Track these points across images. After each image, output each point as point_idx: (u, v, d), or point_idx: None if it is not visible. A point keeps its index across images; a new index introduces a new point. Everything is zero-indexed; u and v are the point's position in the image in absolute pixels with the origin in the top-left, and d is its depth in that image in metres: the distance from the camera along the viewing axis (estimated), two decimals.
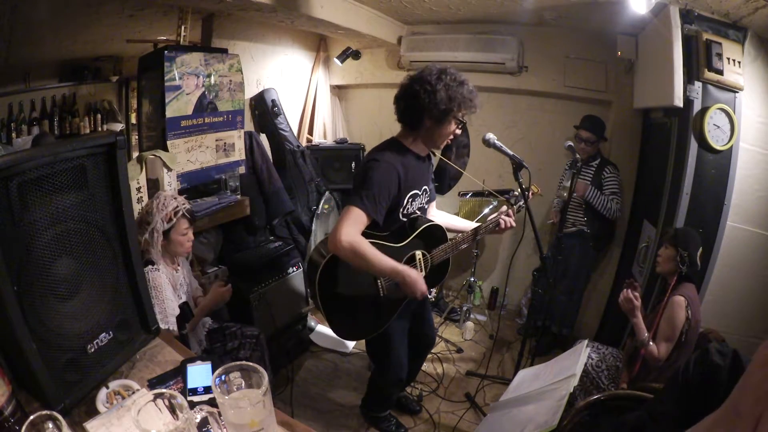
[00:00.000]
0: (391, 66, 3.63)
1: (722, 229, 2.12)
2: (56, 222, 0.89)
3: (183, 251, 1.83)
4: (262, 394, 0.70)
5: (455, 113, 1.55)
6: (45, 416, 0.68)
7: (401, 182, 1.57)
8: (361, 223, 1.48)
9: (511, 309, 3.54)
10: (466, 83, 1.55)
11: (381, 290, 1.67)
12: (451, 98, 1.51)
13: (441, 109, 1.51)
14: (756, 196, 2.14)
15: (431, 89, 1.50)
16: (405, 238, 1.68)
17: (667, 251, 1.85)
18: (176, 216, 1.73)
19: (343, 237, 1.43)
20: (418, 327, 2.02)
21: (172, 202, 1.75)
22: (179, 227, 1.75)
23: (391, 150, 1.60)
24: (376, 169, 1.51)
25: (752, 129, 2.11)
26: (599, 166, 2.75)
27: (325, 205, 3.36)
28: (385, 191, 1.52)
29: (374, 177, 1.50)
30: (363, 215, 1.47)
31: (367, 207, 1.48)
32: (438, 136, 1.61)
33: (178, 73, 2.23)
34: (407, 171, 1.59)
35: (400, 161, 1.57)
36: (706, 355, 0.97)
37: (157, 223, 1.68)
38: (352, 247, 1.44)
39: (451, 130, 1.61)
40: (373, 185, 1.49)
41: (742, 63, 2.04)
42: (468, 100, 1.54)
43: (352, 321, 1.70)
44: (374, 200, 1.49)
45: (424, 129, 1.59)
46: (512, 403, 1.56)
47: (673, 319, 1.73)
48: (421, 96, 1.51)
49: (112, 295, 1.05)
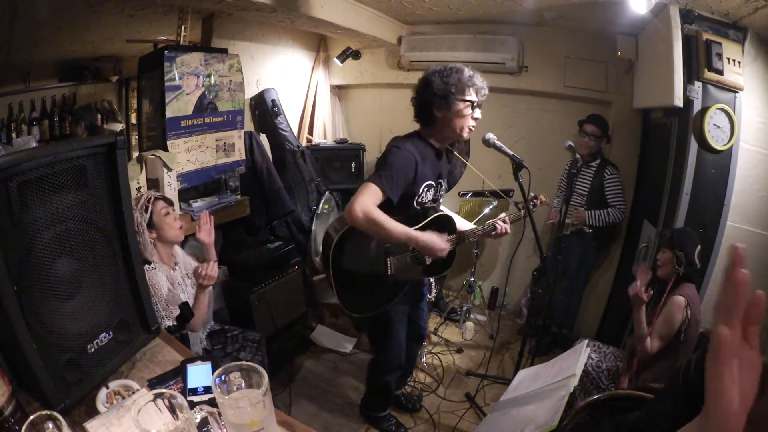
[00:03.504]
0: (391, 66, 3.63)
1: (722, 229, 2.12)
2: (56, 222, 0.89)
3: (174, 234, 1.80)
4: (262, 394, 0.70)
5: (455, 96, 1.61)
6: (45, 416, 0.68)
7: (417, 170, 1.65)
8: (377, 197, 1.56)
9: (511, 309, 3.54)
10: (463, 70, 1.64)
11: (389, 269, 1.77)
12: (448, 83, 1.61)
13: (440, 95, 1.61)
14: (756, 196, 2.14)
15: (428, 81, 1.64)
16: (417, 223, 1.75)
17: (665, 255, 1.86)
18: (150, 202, 1.74)
19: (357, 206, 1.52)
20: (415, 317, 2.10)
21: (142, 197, 1.76)
22: (157, 210, 1.75)
23: (412, 140, 1.71)
24: (395, 155, 1.62)
25: (752, 129, 2.11)
26: (599, 167, 2.75)
27: (325, 205, 3.36)
28: (402, 175, 1.61)
29: (393, 161, 1.61)
30: (379, 191, 1.56)
31: (383, 184, 1.56)
32: (453, 123, 1.67)
33: (178, 73, 2.23)
34: (424, 161, 1.68)
35: (418, 151, 1.67)
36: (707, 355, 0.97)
37: (137, 219, 1.68)
38: (366, 215, 1.52)
39: (464, 114, 1.65)
40: (392, 167, 1.59)
41: (742, 63, 2.04)
42: (465, 82, 1.62)
43: (359, 295, 1.80)
44: (391, 180, 1.58)
45: (438, 121, 1.68)
46: (512, 403, 1.56)
47: (671, 318, 1.74)
48: (426, 90, 1.65)
49: (112, 295, 1.04)
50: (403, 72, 3.54)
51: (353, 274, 1.77)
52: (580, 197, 2.78)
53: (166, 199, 1.84)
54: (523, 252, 3.34)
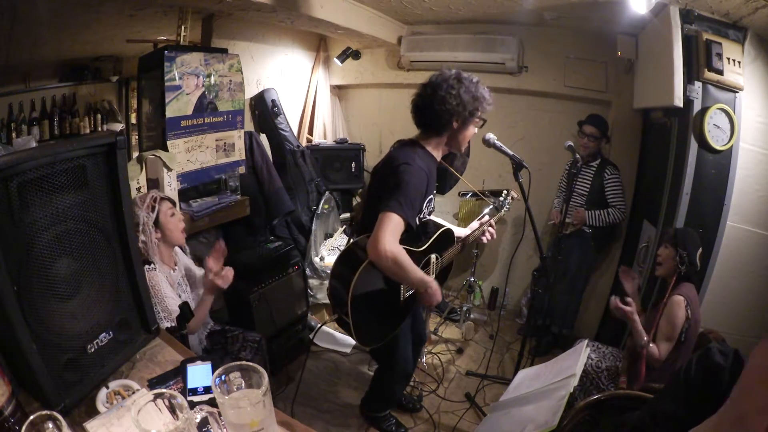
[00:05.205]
0: (391, 66, 3.63)
1: (722, 229, 2.12)
2: (56, 222, 0.89)
3: (178, 235, 1.80)
4: (262, 394, 0.70)
5: (479, 113, 1.60)
6: (45, 416, 0.68)
7: (428, 187, 1.60)
8: (400, 230, 1.46)
9: (511, 309, 3.53)
10: (480, 82, 1.61)
11: (402, 294, 1.69)
12: (475, 98, 1.56)
13: (469, 110, 1.56)
14: (756, 196, 2.14)
15: (455, 92, 1.53)
16: (422, 242, 1.71)
17: (666, 251, 1.86)
18: (156, 202, 1.74)
19: (387, 246, 1.41)
20: (413, 325, 2.06)
21: (148, 196, 1.76)
22: (164, 210, 1.75)
23: (417, 153, 1.60)
24: (411, 174, 1.50)
25: (752, 129, 2.11)
26: (599, 167, 2.75)
27: (325, 205, 3.36)
28: (419, 196, 1.54)
29: (410, 182, 1.49)
30: (401, 222, 1.45)
31: (406, 213, 1.46)
32: (463, 137, 1.65)
33: (178, 73, 2.23)
34: (431, 175, 1.62)
35: (426, 165, 1.58)
36: (708, 354, 0.97)
37: (143, 218, 1.68)
38: (395, 258, 1.43)
39: (473, 131, 1.65)
40: (409, 190, 1.48)
41: (742, 63, 2.04)
42: (486, 98, 1.60)
43: (374, 326, 1.69)
44: (411, 206, 1.48)
45: (451, 132, 1.62)
46: (512, 403, 1.56)
47: (673, 318, 1.73)
48: (448, 101, 1.53)
49: (112, 295, 1.04)
50: (403, 72, 3.54)
51: (369, 309, 1.64)
52: (580, 197, 2.78)
53: (171, 200, 1.84)
54: (523, 252, 3.34)
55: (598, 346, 2.08)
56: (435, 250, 1.77)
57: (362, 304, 1.59)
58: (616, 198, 2.68)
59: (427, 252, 1.73)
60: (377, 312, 1.67)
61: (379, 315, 1.68)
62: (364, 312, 1.61)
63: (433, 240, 1.74)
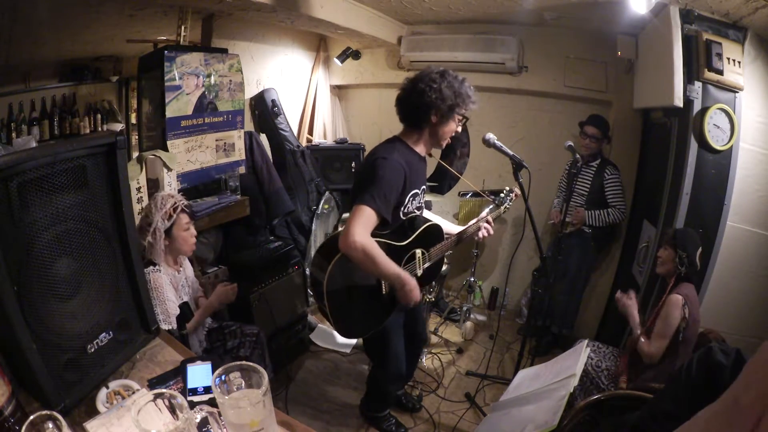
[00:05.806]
0: (391, 66, 3.63)
1: (722, 229, 2.12)
2: (56, 222, 0.89)
3: (187, 248, 1.80)
4: (262, 394, 0.70)
5: (460, 109, 1.60)
6: (45, 416, 0.68)
7: (406, 181, 1.59)
8: (372, 223, 1.48)
9: (511, 309, 3.53)
10: (465, 81, 1.61)
11: (384, 287, 1.69)
12: (456, 94, 1.56)
13: (448, 104, 1.56)
14: (756, 196, 2.14)
15: (437, 86, 1.54)
16: (406, 237, 1.71)
17: (666, 252, 1.86)
18: (176, 212, 1.73)
19: (356, 238, 1.42)
20: (412, 326, 2.05)
21: (170, 200, 1.74)
22: (180, 223, 1.74)
23: (397, 149, 1.61)
24: (385, 168, 1.52)
25: (752, 129, 2.11)
26: (600, 167, 2.75)
27: (325, 205, 3.36)
28: (394, 190, 1.54)
29: (384, 175, 1.50)
30: (374, 215, 1.47)
31: (378, 206, 1.47)
32: (443, 133, 1.64)
33: (178, 73, 2.23)
34: (411, 170, 1.61)
35: (405, 160, 1.59)
36: (710, 354, 0.97)
37: (157, 222, 1.67)
38: (364, 249, 1.44)
39: (454, 128, 1.65)
40: (383, 184, 1.50)
41: (742, 63, 2.04)
42: (469, 96, 1.60)
43: (356, 319, 1.71)
44: (384, 199, 1.50)
45: (430, 127, 1.63)
46: (512, 403, 1.56)
47: (668, 316, 1.74)
48: (428, 93, 1.55)
49: (112, 295, 1.05)
50: (403, 72, 3.54)
51: (348, 298, 1.65)
52: (580, 197, 2.78)
53: (191, 213, 1.82)
54: (523, 252, 3.34)
55: (598, 346, 2.08)
56: (420, 245, 1.76)
57: (340, 295, 1.61)
58: (616, 198, 2.68)
59: (411, 247, 1.73)
60: (358, 304, 1.68)
61: (361, 307, 1.69)
62: (343, 303, 1.62)
63: (417, 235, 1.73)
